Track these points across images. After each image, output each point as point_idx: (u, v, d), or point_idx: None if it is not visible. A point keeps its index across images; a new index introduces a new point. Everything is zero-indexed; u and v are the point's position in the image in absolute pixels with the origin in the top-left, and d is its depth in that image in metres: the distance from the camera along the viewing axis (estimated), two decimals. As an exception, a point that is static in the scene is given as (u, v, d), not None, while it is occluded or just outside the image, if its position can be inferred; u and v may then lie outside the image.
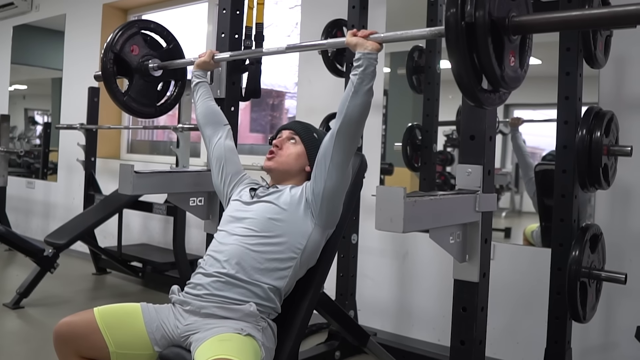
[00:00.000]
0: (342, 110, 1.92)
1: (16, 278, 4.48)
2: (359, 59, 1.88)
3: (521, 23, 1.45)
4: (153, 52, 2.61)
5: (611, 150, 2.48)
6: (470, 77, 1.42)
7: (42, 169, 6.53)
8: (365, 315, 3.61)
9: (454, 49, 1.40)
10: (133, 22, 2.64)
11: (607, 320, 2.87)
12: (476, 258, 1.81)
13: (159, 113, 2.72)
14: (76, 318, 1.92)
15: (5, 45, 7.02)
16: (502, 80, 1.45)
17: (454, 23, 1.38)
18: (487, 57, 1.40)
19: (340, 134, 1.93)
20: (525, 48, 1.55)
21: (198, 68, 2.43)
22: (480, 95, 1.48)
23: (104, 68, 2.50)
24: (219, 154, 2.29)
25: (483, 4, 1.38)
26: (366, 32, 1.91)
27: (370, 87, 1.89)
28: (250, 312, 1.88)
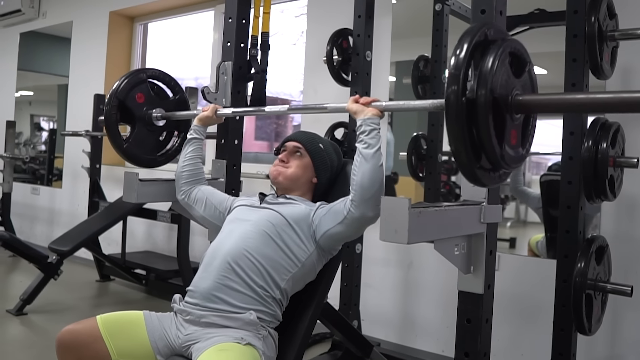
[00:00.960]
0: (353, 179, 1.89)
1: (20, 284, 4.48)
2: (361, 126, 1.88)
3: (524, 102, 1.43)
4: (158, 102, 2.60)
5: (617, 162, 2.46)
6: (468, 155, 1.39)
7: (47, 175, 6.55)
8: (369, 325, 3.59)
9: (453, 125, 1.37)
10: (142, 70, 2.66)
11: (613, 332, 2.85)
12: (481, 269, 1.80)
13: (160, 163, 2.70)
14: (79, 326, 1.92)
15: (12, 51, 7.06)
16: (501, 160, 1.42)
17: (454, 100, 1.35)
18: (487, 136, 1.37)
19: (357, 205, 1.89)
20: (529, 127, 1.52)
21: (200, 122, 2.40)
22: (478, 173, 1.45)
23: (107, 114, 2.49)
24: (201, 197, 2.30)
25: (485, 81, 1.35)
26: (368, 100, 1.91)
27: (375, 150, 1.87)
28: (251, 320, 1.88)
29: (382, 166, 1.88)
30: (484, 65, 1.37)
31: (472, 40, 1.39)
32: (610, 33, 2.50)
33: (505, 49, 1.41)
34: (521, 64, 1.49)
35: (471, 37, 1.40)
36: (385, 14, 3.69)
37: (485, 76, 1.36)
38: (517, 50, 1.47)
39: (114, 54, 5.90)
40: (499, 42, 1.42)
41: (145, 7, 5.71)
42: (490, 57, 1.38)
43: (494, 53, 1.39)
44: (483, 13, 1.78)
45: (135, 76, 2.56)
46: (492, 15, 1.76)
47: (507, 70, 1.42)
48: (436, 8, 3.61)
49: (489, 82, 1.35)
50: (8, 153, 5.70)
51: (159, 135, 2.64)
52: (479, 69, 1.37)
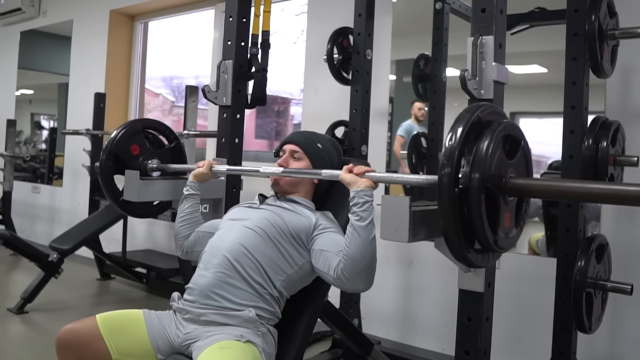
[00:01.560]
0: (344, 250, 1.85)
1: (21, 283, 4.48)
2: (354, 198, 1.84)
3: (518, 186, 1.44)
4: (153, 151, 2.61)
5: (617, 161, 2.47)
6: (460, 239, 1.39)
7: (47, 174, 6.55)
8: (370, 323, 3.59)
9: (445, 210, 1.38)
10: (138, 121, 2.67)
11: (613, 331, 2.85)
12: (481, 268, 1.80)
13: (156, 213, 2.72)
14: (79, 325, 1.92)
15: (13, 50, 7.05)
16: (494, 245, 1.43)
17: (447, 184, 1.36)
18: (479, 222, 1.37)
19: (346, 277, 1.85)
20: (522, 209, 1.53)
21: (195, 179, 2.32)
22: (470, 256, 1.45)
23: (103, 167, 2.51)
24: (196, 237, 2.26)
25: (479, 167, 1.36)
26: (361, 170, 1.87)
27: (367, 223, 1.83)
28: (250, 317, 1.88)
29: (374, 239, 1.84)
30: (477, 150, 1.38)
31: (467, 124, 1.40)
32: (611, 32, 2.50)
33: (499, 133, 1.42)
34: (515, 143, 1.49)
35: (466, 121, 1.41)
36: (386, 13, 3.69)
37: (479, 162, 1.36)
38: (511, 131, 1.48)
39: (115, 53, 5.90)
40: (493, 126, 1.43)
41: (145, 6, 5.71)
42: (484, 142, 1.39)
43: (488, 138, 1.39)
44: (483, 12, 1.78)
45: (131, 128, 2.58)
46: (492, 14, 1.76)
47: (501, 153, 1.42)
48: (436, 6, 3.61)
49: (483, 168, 1.36)
50: (9, 152, 5.70)
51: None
52: (473, 154, 1.37)
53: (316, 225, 2.04)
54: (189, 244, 2.27)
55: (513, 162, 1.46)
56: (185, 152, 2.74)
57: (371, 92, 3.17)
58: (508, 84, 1.82)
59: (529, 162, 1.53)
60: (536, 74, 3.27)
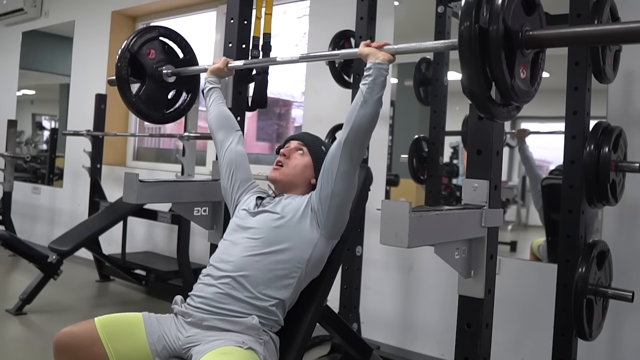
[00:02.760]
0: (350, 119, 1.91)
1: (19, 284, 4.48)
2: (370, 69, 1.88)
3: (534, 37, 1.46)
4: (169, 60, 2.62)
5: (619, 166, 2.46)
6: (481, 84, 1.42)
7: (48, 174, 6.54)
8: (369, 328, 3.58)
9: (466, 57, 1.41)
10: (154, 27, 2.66)
11: (614, 338, 2.84)
12: (481, 274, 1.79)
13: (166, 120, 2.72)
14: (77, 328, 1.90)
15: (14, 50, 7.06)
16: (512, 90, 1.44)
17: (467, 36, 1.39)
18: (498, 66, 1.40)
19: (348, 143, 1.92)
20: (538, 63, 1.55)
21: (212, 74, 2.43)
22: (490, 105, 1.48)
23: (119, 68, 2.51)
24: (230, 159, 2.28)
25: (497, 16, 1.38)
26: (380, 43, 1.91)
27: (379, 97, 1.89)
28: (253, 325, 1.87)
29: (378, 114, 1.91)
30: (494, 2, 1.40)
31: None
32: (613, 37, 2.49)
33: None
34: (532, 3, 1.51)
35: None
36: (388, 16, 3.68)
37: (497, 9, 1.39)
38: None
39: (116, 54, 5.83)
40: None
41: (147, 7, 5.71)
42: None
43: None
44: (485, 16, 1.77)
45: (148, 32, 2.59)
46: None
47: (518, 6, 1.45)
48: (438, 10, 3.61)
49: (501, 15, 1.38)
50: (9, 152, 5.70)
51: (168, 93, 2.67)
52: (492, 2, 1.40)
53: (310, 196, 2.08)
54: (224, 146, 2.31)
55: (530, 19, 1.49)
56: (198, 63, 2.75)
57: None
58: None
59: (543, 21, 1.55)
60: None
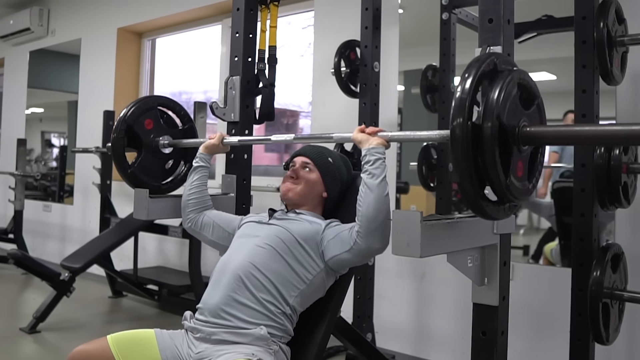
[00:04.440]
0: (358, 210, 1.87)
1: (33, 302, 4.48)
2: (365, 156, 1.87)
3: (532, 134, 1.40)
4: (166, 130, 2.58)
5: (631, 168, 2.44)
6: (473, 183, 1.37)
7: (58, 192, 6.58)
8: (383, 337, 3.56)
9: (458, 152, 1.35)
10: (153, 97, 2.65)
11: (631, 341, 2.81)
12: (495, 281, 1.77)
13: (164, 191, 2.66)
14: (90, 346, 1.91)
15: (22, 69, 7.12)
16: (507, 190, 1.39)
17: (460, 125, 1.33)
18: (492, 164, 1.34)
19: (364, 235, 1.87)
20: (536, 161, 1.51)
21: (206, 150, 2.37)
22: (483, 204, 1.43)
23: (115, 138, 2.46)
24: (207, 221, 2.29)
25: (492, 109, 1.34)
26: (374, 129, 1.90)
27: (380, 181, 1.85)
28: (261, 335, 1.87)
29: (387, 196, 1.85)
30: (491, 93, 1.35)
31: (479, 68, 1.38)
32: (620, 38, 2.48)
33: (513, 78, 1.39)
34: (530, 96, 1.47)
35: (478, 65, 1.38)
36: (392, 24, 3.68)
37: (493, 104, 1.34)
38: (525, 81, 1.45)
39: (123, 70, 5.93)
40: (506, 72, 1.41)
41: (152, 23, 5.74)
42: (498, 85, 1.36)
43: (502, 82, 1.37)
44: (491, 22, 1.76)
45: (146, 102, 2.55)
46: (499, 24, 1.74)
47: (515, 100, 1.40)
48: (443, 17, 3.61)
49: (496, 110, 1.33)
50: (19, 171, 5.72)
51: (165, 163, 2.61)
52: (487, 96, 1.35)
53: (325, 226, 2.05)
54: (197, 224, 2.29)
55: (528, 113, 1.44)
56: (197, 134, 2.70)
57: (379, 104, 3.17)
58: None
59: (542, 116, 1.49)
60: (545, 81, 3.25)
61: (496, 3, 1.75)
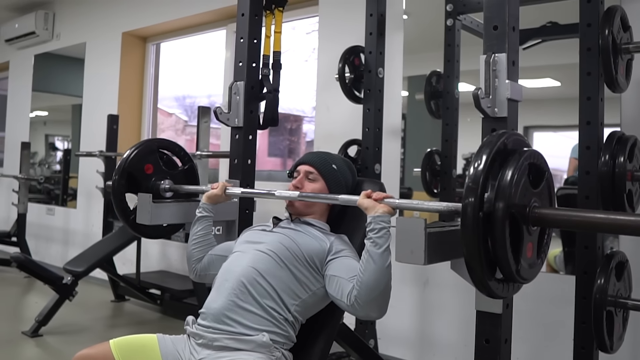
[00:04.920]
0: (358, 277, 1.84)
1: (35, 305, 4.48)
2: (370, 223, 1.83)
3: (542, 216, 1.41)
4: (167, 172, 2.57)
5: (635, 176, 2.43)
6: (482, 266, 1.36)
7: (61, 195, 6.58)
8: (386, 344, 3.55)
9: (468, 239, 1.35)
10: (152, 141, 2.64)
11: (635, 350, 2.80)
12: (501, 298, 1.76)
13: (167, 234, 2.67)
14: (92, 351, 1.91)
15: (27, 73, 7.14)
16: (517, 275, 1.40)
17: (471, 211, 1.33)
18: (503, 250, 1.35)
19: (361, 304, 1.84)
20: (544, 238, 1.50)
21: (208, 201, 2.30)
22: (492, 285, 1.42)
23: (115, 185, 2.45)
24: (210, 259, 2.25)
25: (504, 195, 1.33)
26: (380, 196, 1.85)
27: (383, 250, 1.81)
28: (263, 342, 1.86)
29: (389, 267, 1.82)
30: (502, 178, 1.36)
31: (492, 151, 1.37)
32: (625, 46, 2.47)
33: (524, 161, 1.40)
34: (540, 173, 1.47)
35: (490, 148, 1.38)
36: (397, 30, 3.68)
37: (504, 190, 1.34)
38: (536, 160, 1.46)
39: (127, 74, 5.94)
40: (517, 154, 1.41)
41: (157, 28, 5.76)
42: (509, 170, 1.36)
43: (514, 166, 1.37)
44: (495, 29, 1.76)
45: (146, 147, 2.54)
46: (504, 31, 1.74)
47: (525, 182, 1.40)
48: (447, 23, 3.60)
49: (507, 196, 1.33)
50: (23, 174, 5.73)
51: None
52: (497, 181, 1.35)
53: (330, 249, 2.02)
54: (202, 267, 2.25)
55: (537, 192, 1.43)
56: (198, 174, 2.71)
57: (383, 110, 3.16)
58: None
59: (552, 192, 1.50)
60: (549, 87, 3.25)
61: (501, 10, 1.75)
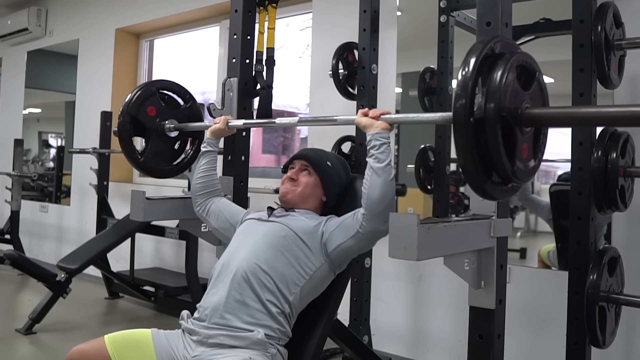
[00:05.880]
0: (364, 193, 1.89)
1: (29, 303, 4.47)
2: (370, 141, 1.88)
3: (534, 116, 1.41)
4: (170, 112, 2.59)
5: (627, 172, 2.44)
6: (478, 171, 1.37)
7: (55, 192, 6.56)
8: (380, 340, 3.56)
9: (462, 142, 1.36)
10: (151, 83, 2.64)
11: (627, 345, 2.81)
12: (492, 284, 1.77)
13: (176, 172, 2.69)
14: (87, 346, 1.92)
15: (20, 69, 7.10)
16: (513, 176, 1.40)
17: (462, 118, 1.34)
18: (497, 153, 1.35)
19: (369, 218, 1.90)
20: (540, 139, 1.50)
21: (212, 135, 2.37)
22: (488, 187, 1.43)
23: (121, 130, 2.48)
24: (214, 209, 2.30)
25: (493, 97, 1.33)
26: (377, 112, 1.89)
27: (386, 164, 1.86)
28: (258, 339, 1.86)
29: (393, 180, 1.88)
30: (491, 80, 1.35)
31: (480, 55, 1.38)
32: (617, 42, 2.48)
33: (513, 63, 1.39)
34: (530, 74, 1.47)
35: (479, 52, 1.38)
36: (391, 27, 3.68)
37: (493, 92, 1.33)
38: (525, 62, 1.45)
39: (121, 71, 5.92)
40: (507, 56, 1.40)
41: (150, 24, 5.74)
42: (497, 72, 1.36)
43: (502, 68, 1.36)
44: (488, 25, 1.76)
45: (146, 90, 2.55)
46: (497, 27, 1.75)
47: (515, 83, 1.40)
48: (441, 20, 3.61)
49: (497, 98, 1.33)
50: (16, 171, 5.71)
51: (173, 145, 2.64)
52: (487, 84, 1.35)
53: (326, 220, 2.08)
54: (205, 210, 2.31)
55: (529, 93, 1.43)
56: (202, 112, 2.72)
57: (377, 106, 3.16)
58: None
59: (544, 93, 1.49)
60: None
61: (494, 6, 1.75)
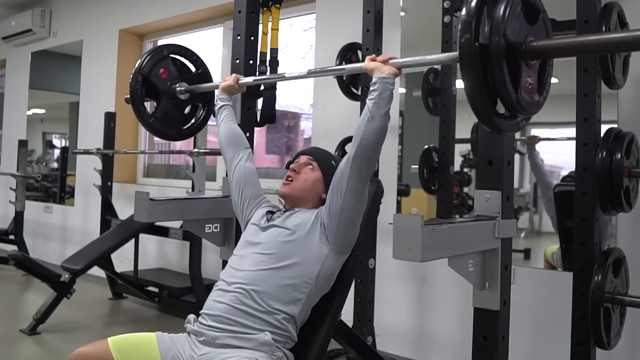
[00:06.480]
0: (358, 134, 1.90)
1: (33, 303, 4.48)
2: (375, 83, 1.88)
3: (538, 48, 1.44)
4: (181, 76, 2.63)
5: (632, 172, 2.43)
6: (484, 100, 1.40)
7: (59, 193, 6.57)
8: (384, 341, 3.56)
9: (468, 72, 1.39)
10: (163, 46, 2.67)
11: (632, 346, 2.80)
12: (496, 285, 1.77)
13: (184, 136, 2.74)
14: (90, 349, 1.90)
15: (24, 70, 7.12)
16: (517, 104, 1.43)
17: (467, 48, 1.37)
18: (501, 81, 1.38)
19: (357, 159, 1.92)
20: (545, 73, 1.53)
21: (223, 91, 2.43)
22: (496, 120, 1.46)
23: (133, 90, 2.52)
24: (239, 177, 2.28)
25: (498, 27, 1.36)
26: (385, 57, 1.91)
27: (386, 111, 1.88)
28: (265, 341, 1.86)
29: (387, 128, 1.90)
30: (496, 12, 1.38)
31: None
32: (622, 42, 2.47)
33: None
34: (535, 11, 1.49)
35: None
36: (394, 27, 3.68)
37: (498, 23, 1.37)
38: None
39: (124, 72, 5.91)
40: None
41: (154, 25, 5.74)
42: (502, 4, 1.39)
43: (505, 2, 1.39)
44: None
45: (158, 53, 2.60)
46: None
47: (520, 17, 1.43)
48: (445, 20, 3.60)
49: (502, 28, 1.36)
50: (20, 172, 5.72)
51: (184, 109, 2.68)
52: (492, 16, 1.38)
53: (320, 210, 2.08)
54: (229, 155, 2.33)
55: (534, 28, 1.46)
56: (212, 76, 2.75)
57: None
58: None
59: (549, 30, 1.52)
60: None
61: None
